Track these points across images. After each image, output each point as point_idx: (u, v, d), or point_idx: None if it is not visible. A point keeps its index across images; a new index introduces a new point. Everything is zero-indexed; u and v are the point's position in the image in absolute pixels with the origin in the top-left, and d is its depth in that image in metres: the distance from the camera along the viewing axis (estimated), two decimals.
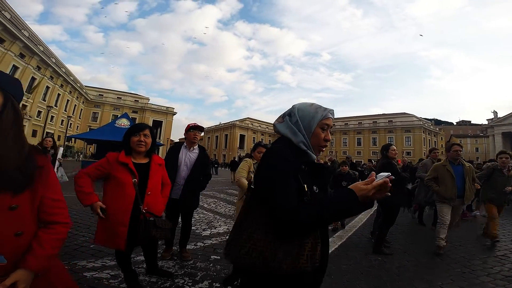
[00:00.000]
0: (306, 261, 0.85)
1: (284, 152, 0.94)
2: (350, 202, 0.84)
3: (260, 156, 2.80)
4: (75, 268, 2.55)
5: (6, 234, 0.81)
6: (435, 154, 5.47)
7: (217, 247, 3.50)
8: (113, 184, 1.94)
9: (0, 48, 24.42)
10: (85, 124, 47.30)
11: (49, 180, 0.94)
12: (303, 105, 1.06)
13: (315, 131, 1.01)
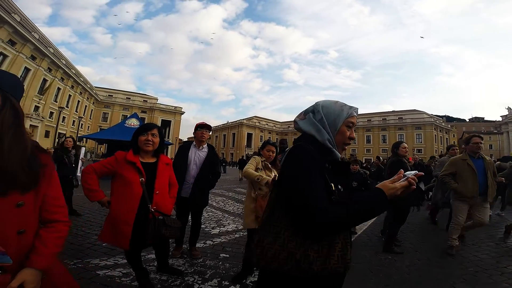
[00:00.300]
0: (337, 261, 0.84)
1: (310, 150, 0.91)
2: (380, 202, 0.83)
3: (269, 154, 2.80)
4: (88, 266, 2.61)
5: (9, 232, 0.80)
6: (454, 151, 5.14)
7: (226, 245, 3.53)
8: (120, 182, 1.96)
9: (12, 50, 24.89)
10: (96, 124, 48.20)
11: (52, 179, 0.95)
12: (328, 103, 1.04)
13: (341, 129, 1.00)
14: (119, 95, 55.01)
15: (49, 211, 0.94)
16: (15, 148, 0.81)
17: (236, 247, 3.45)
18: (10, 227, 0.80)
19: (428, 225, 5.42)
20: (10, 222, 0.79)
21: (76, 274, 2.38)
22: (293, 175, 0.88)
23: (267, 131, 70.96)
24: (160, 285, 2.35)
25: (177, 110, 57.27)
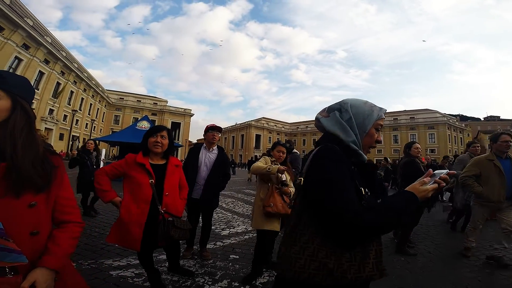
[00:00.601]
0: (372, 269, 0.81)
1: (339, 152, 0.86)
2: (412, 206, 0.79)
3: (279, 154, 2.80)
4: (102, 266, 2.66)
5: (22, 233, 0.80)
6: (475, 148, 4.54)
7: (236, 246, 3.54)
8: (131, 184, 1.99)
9: (26, 54, 25.58)
10: (108, 127, 49.27)
11: (63, 180, 0.96)
12: (357, 102, 0.98)
13: (370, 131, 0.95)
14: (130, 98, 56.10)
15: (62, 211, 0.95)
16: (28, 150, 0.82)
17: (246, 248, 3.45)
18: (23, 228, 0.80)
19: (441, 226, 5.29)
20: (23, 222, 0.80)
21: (90, 274, 2.44)
22: (323, 179, 0.82)
23: (276, 132, 70.84)
24: (171, 285, 2.38)
25: (186, 112, 57.91)
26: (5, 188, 0.76)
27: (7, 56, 22.89)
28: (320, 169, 0.85)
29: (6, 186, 0.76)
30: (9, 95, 0.82)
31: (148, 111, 51.91)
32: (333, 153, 0.86)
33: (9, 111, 0.81)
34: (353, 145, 0.91)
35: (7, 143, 0.78)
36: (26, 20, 24.61)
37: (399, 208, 0.78)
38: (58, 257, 0.87)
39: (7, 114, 0.81)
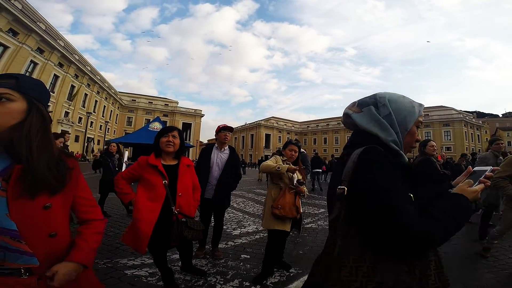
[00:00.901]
0: (435, 281, 0.73)
1: (385, 154, 0.77)
2: (466, 210, 0.73)
3: (291, 153, 2.79)
4: (117, 265, 2.74)
5: (39, 235, 0.82)
6: (499, 146, 4.10)
7: (247, 246, 3.57)
8: (145, 186, 2.03)
9: (41, 58, 26.27)
10: (121, 128, 50.38)
11: (80, 181, 0.98)
12: (395, 96, 0.88)
13: (412, 129, 0.86)
14: (142, 100, 57.17)
15: (84, 211, 1.00)
16: (43, 152, 0.83)
17: (257, 248, 3.48)
18: (40, 229, 0.82)
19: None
20: (39, 224, 0.81)
21: (106, 274, 2.52)
22: (375, 186, 0.72)
23: (286, 131, 70.52)
24: (184, 285, 2.43)
25: (197, 113, 58.49)
26: (21, 190, 0.77)
27: (23, 60, 23.57)
28: (369, 174, 0.74)
29: (21, 188, 0.77)
30: (24, 97, 0.83)
31: (160, 112, 52.79)
32: (381, 155, 0.76)
33: (24, 113, 0.82)
34: (393, 145, 0.82)
35: (22, 145, 0.79)
36: (39, 25, 25.19)
37: (457, 214, 0.71)
38: (85, 251, 0.92)
39: (23, 116, 0.82)
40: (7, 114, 0.79)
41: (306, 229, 4.56)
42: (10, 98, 0.80)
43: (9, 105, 0.80)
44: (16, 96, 0.81)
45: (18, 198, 0.77)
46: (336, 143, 64.49)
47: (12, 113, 0.80)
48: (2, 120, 0.78)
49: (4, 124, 0.78)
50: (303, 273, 2.79)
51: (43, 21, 27.60)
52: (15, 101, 0.81)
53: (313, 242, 3.91)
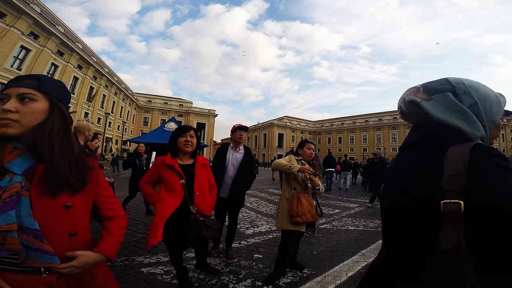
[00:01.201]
0: None
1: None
2: None
3: (310, 152, 2.74)
4: (133, 263, 2.82)
5: (61, 234, 0.82)
6: None
7: (260, 245, 3.58)
8: (165, 187, 2.06)
9: (61, 60, 27.11)
10: (138, 128, 51.72)
11: (100, 180, 1.00)
12: (474, 82, 0.73)
13: (499, 123, 0.72)
14: (157, 100, 58.47)
15: (108, 209, 1.03)
16: (64, 152, 0.84)
17: (270, 248, 3.48)
18: (61, 228, 0.82)
19: None
20: (60, 223, 0.82)
21: (123, 271, 2.60)
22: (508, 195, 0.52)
23: (299, 131, 69.96)
24: (197, 283, 2.47)
25: (210, 113, 59.14)
26: (43, 189, 0.79)
27: (45, 63, 24.42)
28: (500, 182, 0.54)
29: (43, 188, 0.79)
30: (46, 97, 0.84)
31: (175, 112, 53.79)
32: (503, 157, 0.58)
33: (47, 113, 0.84)
34: (480, 140, 0.66)
35: (45, 145, 0.80)
36: (57, 28, 25.94)
37: None
38: (112, 244, 0.97)
39: (45, 116, 0.83)
40: (30, 114, 0.80)
41: (320, 230, 4.51)
42: (33, 98, 0.81)
43: (32, 105, 0.81)
44: (38, 96, 0.83)
45: (40, 197, 0.78)
46: (351, 143, 63.31)
47: (35, 113, 0.81)
48: (26, 120, 0.79)
49: (27, 124, 0.80)
50: (316, 274, 2.77)
51: (61, 24, 28.52)
52: (37, 101, 0.82)
53: (327, 243, 3.87)
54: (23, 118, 0.79)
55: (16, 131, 0.78)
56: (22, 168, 0.78)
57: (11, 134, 0.78)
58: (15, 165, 0.78)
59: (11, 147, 0.80)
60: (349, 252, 3.49)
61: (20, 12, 20.48)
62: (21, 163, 0.79)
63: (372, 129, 60.22)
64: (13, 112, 0.78)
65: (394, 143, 56.03)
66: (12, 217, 0.73)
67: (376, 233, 4.49)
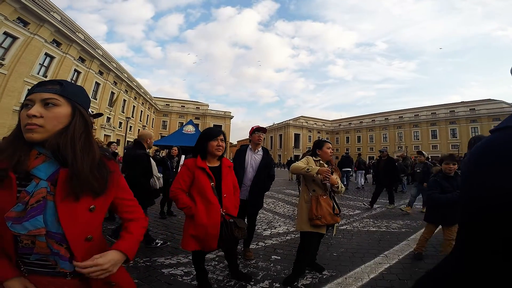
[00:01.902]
0: None
1: None
2: None
3: (330, 151, 2.69)
4: (155, 264, 2.88)
5: (79, 238, 0.83)
6: None
7: (277, 247, 3.54)
8: (196, 189, 2.07)
9: (83, 66, 28.11)
10: (157, 132, 53.10)
11: (121, 183, 1.00)
12: None
13: None
14: (175, 104, 59.78)
15: (128, 211, 1.03)
16: (86, 155, 0.85)
17: (288, 249, 3.43)
18: (79, 233, 0.83)
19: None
20: (81, 227, 0.83)
21: (145, 272, 2.67)
22: None
23: (316, 130, 68.95)
24: (216, 284, 2.48)
25: (226, 115, 59.74)
26: (66, 193, 0.80)
27: (68, 69, 25.45)
28: None
29: (67, 191, 0.80)
30: (69, 102, 0.86)
31: (192, 115, 54.77)
32: None
33: (69, 117, 0.86)
34: None
35: (68, 150, 0.82)
36: (78, 35, 26.93)
37: None
38: (131, 242, 0.96)
39: (67, 121, 0.85)
40: (54, 119, 0.82)
41: (340, 231, 4.41)
42: (56, 103, 0.83)
43: (56, 110, 0.83)
44: (61, 101, 0.84)
45: (64, 201, 0.80)
46: (371, 141, 61.48)
47: (59, 118, 0.83)
48: (50, 125, 0.81)
49: (51, 128, 0.81)
50: (336, 275, 2.70)
51: (81, 31, 29.45)
52: (60, 106, 0.84)
53: (348, 244, 3.76)
54: (47, 123, 0.81)
55: (41, 136, 0.80)
56: (47, 174, 0.81)
57: (37, 139, 0.80)
58: (40, 171, 0.80)
59: (36, 153, 0.82)
60: (371, 253, 3.37)
61: (42, 20, 21.41)
62: (46, 168, 0.81)
63: (392, 127, 58.10)
64: (38, 117, 0.80)
65: (416, 141, 53.73)
66: (40, 222, 0.76)
67: (400, 234, 4.32)
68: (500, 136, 0.51)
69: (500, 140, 0.50)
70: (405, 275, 2.76)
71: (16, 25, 19.29)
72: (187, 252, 3.23)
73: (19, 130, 0.83)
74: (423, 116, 54.56)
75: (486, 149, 0.51)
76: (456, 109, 51.89)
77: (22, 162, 0.79)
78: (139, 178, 3.28)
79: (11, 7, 18.63)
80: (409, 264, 3.04)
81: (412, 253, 3.37)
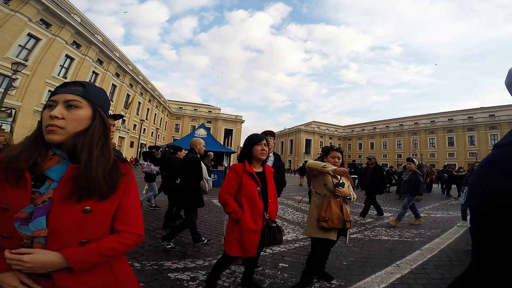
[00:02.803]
0: None
1: None
2: None
3: (334, 161, 2.64)
4: (161, 268, 2.87)
5: (73, 240, 0.79)
6: None
7: (285, 254, 3.48)
8: (243, 194, 2.10)
9: (101, 68, 28.89)
10: (170, 135, 54.00)
11: (128, 187, 0.93)
12: None
13: None
14: (188, 107, 60.73)
15: (120, 220, 0.89)
16: (101, 158, 0.85)
17: (296, 257, 3.37)
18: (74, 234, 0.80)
19: None
20: (76, 228, 0.80)
21: (151, 275, 2.66)
22: None
23: (328, 136, 68.14)
24: None
25: (237, 119, 60.02)
26: (70, 190, 0.78)
27: (87, 71, 26.30)
28: None
29: (70, 189, 0.78)
30: (90, 104, 0.87)
31: (204, 119, 55.42)
32: None
33: (90, 120, 0.87)
34: None
35: (85, 151, 0.82)
36: (97, 37, 27.73)
37: None
38: (84, 251, 0.79)
39: (88, 123, 0.86)
40: (75, 121, 0.83)
41: (351, 240, 4.30)
42: (78, 105, 0.84)
43: (78, 112, 0.84)
44: (83, 103, 0.86)
45: (61, 200, 0.77)
46: (385, 148, 60.18)
47: (80, 120, 0.84)
48: (71, 127, 0.82)
49: (71, 130, 0.82)
50: (345, 285, 2.63)
51: (100, 33, 30.29)
52: (82, 108, 0.85)
53: (358, 253, 3.66)
54: (68, 124, 0.82)
55: (61, 138, 0.81)
56: (60, 175, 0.81)
57: (57, 141, 0.81)
58: (54, 172, 0.81)
59: (51, 153, 0.83)
60: (383, 263, 3.26)
61: (63, 22, 22.25)
62: (59, 169, 0.82)
63: (407, 133, 56.66)
64: (60, 118, 0.81)
65: (432, 148, 52.14)
66: (40, 223, 0.75)
67: (413, 244, 4.17)
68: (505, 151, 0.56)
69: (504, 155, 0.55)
70: (418, 285, 2.65)
71: (39, 27, 20.19)
72: (194, 256, 3.24)
73: (40, 130, 0.84)
74: (440, 123, 52.91)
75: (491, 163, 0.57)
76: (475, 115, 50.04)
77: (39, 164, 0.80)
78: (191, 181, 3.56)
79: (34, 9, 19.54)
80: (422, 274, 2.93)
81: (425, 263, 3.27)
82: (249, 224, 2.02)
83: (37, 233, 0.75)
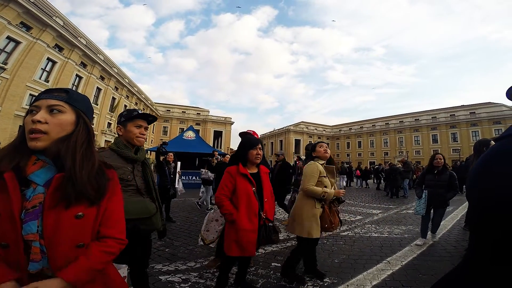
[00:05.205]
0: None
1: None
2: None
3: (323, 149, 2.71)
4: (152, 271, 2.81)
5: (68, 244, 0.80)
6: None
7: (277, 254, 3.48)
8: (238, 195, 2.15)
9: (84, 71, 28.13)
10: (158, 137, 53.12)
11: (114, 193, 0.94)
12: None
13: None
14: (176, 110, 59.94)
15: (104, 224, 0.90)
16: (86, 163, 0.85)
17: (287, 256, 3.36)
18: (69, 239, 0.80)
19: None
20: (69, 233, 0.80)
21: None
22: None
23: (316, 136, 68.82)
24: None
25: (227, 121, 59.79)
26: (59, 198, 0.78)
27: (70, 74, 25.44)
28: None
29: (59, 197, 0.79)
30: (74, 109, 0.88)
31: (192, 121, 54.85)
32: None
33: (73, 125, 0.87)
34: None
35: (68, 156, 0.81)
36: (80, 40, 26.98)
37: None
38: (80, 270, 0.80)
39: (71, 129, 0.86)
40: (58, 125, 0.83)
41: (342, 237, 4.36)
42: (61, 110, 0.85)
43: (61, 116, 0.84)
44: (66, 108, 0.86)
45: (52, 207, 0.78)
46: (372, 147, 61.38)
47: (63, 125, 0.84)
48: (54, 132, 0.82)
49: (55, 135, 0.82)
50: (338, 283, 2.64)
51: (83, 36, 29.48)
52: (65, 113, 0.86)
53: (349, 251, 3.70)
54: (52, 129, 0.82)
55: (45, 144, 0.81)
56: (44, 179, 0.81)
57: (41, 148, 0.81)
58: (38, 176, 0.81)
59: (34, 158, 0.82)
60: (374, 260, 3.31)
61: (44, 25, 21.52)
62: (43, 174, 0.82)
63: (393, 132, 58.04)
64: (43, 123, 0.81)
65: (417, 145, 53.60)
66: (31, 228, 0.76)
67: (402, 240, 4.26)
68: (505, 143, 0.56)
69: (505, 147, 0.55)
70: (409, 281, 2.70)
71: (19, 30, 19.43)
72: (185, 259, 3.19)
73: (22, 135, 0.83)
74: (424, 121, 54.47)
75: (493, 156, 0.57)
76: (457, 113, 51.86)
77: (21, 168, 0.79)
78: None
79: (14, 12, 18.79)
80: (413, 270, 2.98)
81: (416, 259, 3.34)
82: (245, 224, 2.07)
83: (29, 236, 0.76)
